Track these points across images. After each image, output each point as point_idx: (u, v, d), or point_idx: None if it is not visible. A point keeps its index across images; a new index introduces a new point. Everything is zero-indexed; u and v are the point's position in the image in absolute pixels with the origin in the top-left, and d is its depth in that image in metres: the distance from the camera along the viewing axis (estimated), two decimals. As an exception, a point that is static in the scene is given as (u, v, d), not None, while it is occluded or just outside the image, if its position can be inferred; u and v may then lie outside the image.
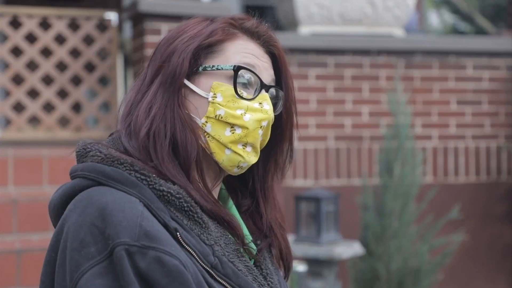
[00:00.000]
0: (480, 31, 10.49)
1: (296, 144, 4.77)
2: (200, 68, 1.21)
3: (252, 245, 1.25)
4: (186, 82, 1.21)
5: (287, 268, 1.34)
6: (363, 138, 4.95)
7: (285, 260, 1.33)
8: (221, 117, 1.19)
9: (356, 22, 5.09)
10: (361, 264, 4.31)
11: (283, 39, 5.05)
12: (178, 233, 1.10)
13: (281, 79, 1.28)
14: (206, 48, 1.22)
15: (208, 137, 1.21)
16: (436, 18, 13.73)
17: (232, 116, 1.19)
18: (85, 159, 1.17)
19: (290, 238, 3.88)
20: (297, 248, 3.76)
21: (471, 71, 5.21)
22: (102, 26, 5.02)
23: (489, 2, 11.41)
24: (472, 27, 11.24)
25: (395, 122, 4.46)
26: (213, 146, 1.21)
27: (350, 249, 3.80)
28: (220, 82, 1.20)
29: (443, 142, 5.13)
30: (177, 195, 1.13)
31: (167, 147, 1.17)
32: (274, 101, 1.26)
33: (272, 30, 1.29)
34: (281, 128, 1.29)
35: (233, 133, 1.20)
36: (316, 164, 4.85)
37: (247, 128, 1.20)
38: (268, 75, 1.25)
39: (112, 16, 5.03)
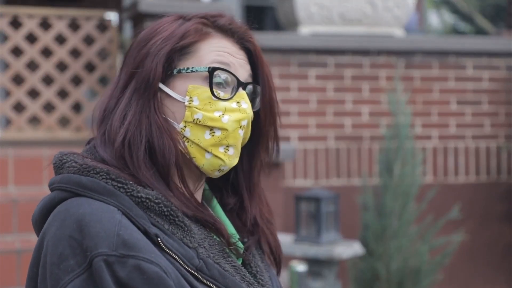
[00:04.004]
0: (480, 31, 10.50)
1: (296, 144, 4.78)
2: (175, 71, 1.19)
3: (240, 244, 1.24)
4: (162, 86, 1.19)
5: (278, 262, 1.34)
6: (363, 138, 4.95)
7: (275, 254, 1.32)
8: (199, 121, 1.17)
9: (356, 22, 5.10)
10: (361, 264, 4.31)
11: (283, 39, 5.08)
12: (159, 239, 1.09)
13: (257, 74, 1.25)
14: (180, 51, 1.19)
15: (188, 141, 1.19)
16: (436, 18, 13.74)
17: (210, 119, 1.17)
18: (62, 170, 1.15)
19: (290, 238, 3.88)
20: (297, 248, 3.76)
21: (471, 71, 5.21)
22: (102, 26, 5.02)
23: (489, 2, 11.42)
24: (472, 27, 11.25)
25: (395, 122, 4.46)
26: (193, 151, 1.19)
27: (350, 249, 3.80)
28: (195, 84, 1.18)
29: (443, 142, 5.13)
30: (156, 200, 1.12)
31: (143, 155, 1.15)
32: (252, 96, 1.24)
33: (247, 26, 1.26)
34: (261, 124, 1.26)
35: (212, 135, 1.18)
36: (316, 164, 4.85)
37: (226, 129, 1.18)
38: (244, 71, 1.22)
39: (112, 16, 5.03)
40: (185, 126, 1.18)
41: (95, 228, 1.05)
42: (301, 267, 3.67)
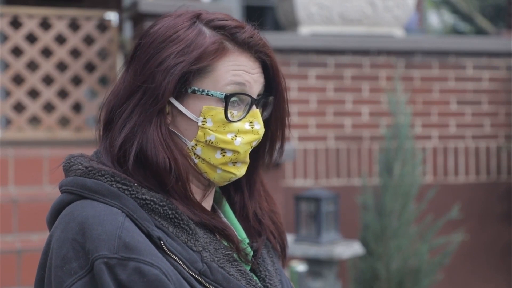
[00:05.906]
0: (480, 31, 10.50)
1: (296, 144, 4.78)
2: (189, 90, 1.17)
3: (249, 250, 1.23)
4: (174, 102, 1.17)
5: (283, 249, 1.34)
6: (363, 138, 4.95)
7: (278, 240, 1.32)
8: (212, 143, 1.17)
9: (356, 22, 5.10)
10: (361, 264, 4.31)
11: (283, 39, 5.07)
12: (161, 242, 1.09)
13: (272, 84, 1.24)
14: (196, 71, 1.17)
15: (198, 158, 1.19)
16: (436, 18, 13.74)
17: (222, 141, 1.17)
18: (70, 173, 1.16)
19: (290, 238, 3.88)
20: (297, 248, 3.76)
21: (471, 71, 5.21)
22: (102, 26, 5.03)
23: (489, 2, 11.41)
24: (472, 27, 11.25)
25: (395, 122, 4.46)
26: (204, 167, 1.20)
27: (350, 249, 3.80)
28: (210, 105, 1.17)
29: (443, 142, 5.13)
30: (161, 203, 1.12)
31: (131, 167, 1.14)
32: (263, 103, 1.24)
33: (265, 38, 1.22)
34: (272, 130, 1.26)
35: (223, 156, 1.18)
36: (316, 164, 4.85)
37: (238, 152, 1.18)
38: (258, 85, 1.21)
39: (112, 16, 5.03)
40: (196, 145, 1.18)
41: (97, 230, 1.06)
42: (301, 267, 3.67)
